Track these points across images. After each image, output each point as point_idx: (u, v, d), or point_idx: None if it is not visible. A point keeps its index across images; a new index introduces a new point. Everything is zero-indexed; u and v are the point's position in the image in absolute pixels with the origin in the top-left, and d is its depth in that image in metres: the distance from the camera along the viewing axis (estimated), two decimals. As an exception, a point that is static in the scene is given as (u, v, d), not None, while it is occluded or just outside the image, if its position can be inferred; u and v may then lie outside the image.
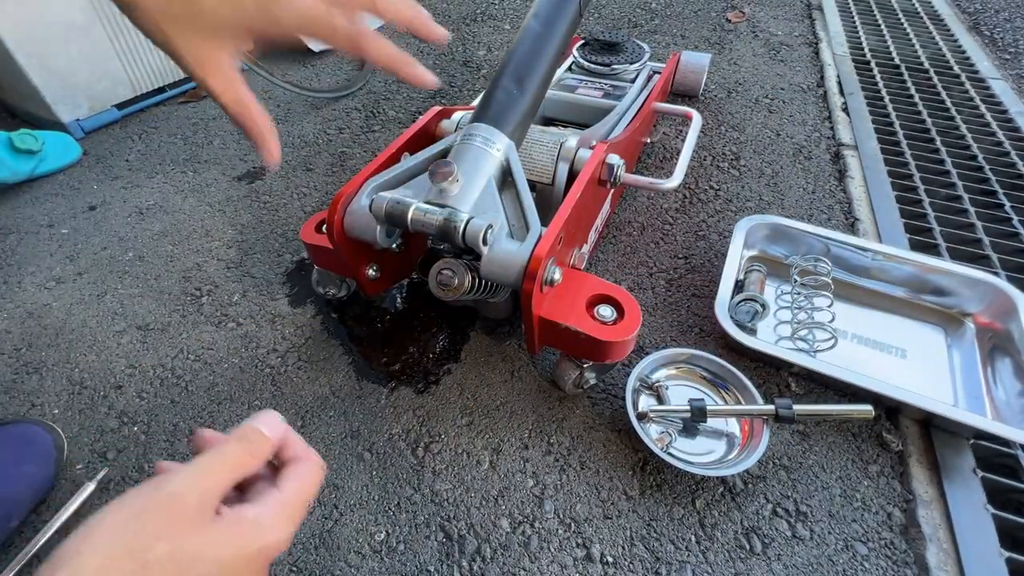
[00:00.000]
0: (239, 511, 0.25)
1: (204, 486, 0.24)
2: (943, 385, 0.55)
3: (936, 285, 0.61)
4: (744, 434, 0.50)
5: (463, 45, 1.23)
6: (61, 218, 0.77)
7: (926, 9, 1.38)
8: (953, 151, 0.87)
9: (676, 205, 0.78)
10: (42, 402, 0.55)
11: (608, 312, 0.47)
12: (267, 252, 0.71)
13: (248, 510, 0.25)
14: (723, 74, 1.09)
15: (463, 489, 0.48)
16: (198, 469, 0.24)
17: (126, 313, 0.64)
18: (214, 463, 0.25)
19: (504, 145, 0.48)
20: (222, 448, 0.26)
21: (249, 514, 0.25)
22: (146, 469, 0.49)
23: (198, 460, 0.25)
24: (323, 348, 0.60)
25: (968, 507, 0.46)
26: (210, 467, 0.25)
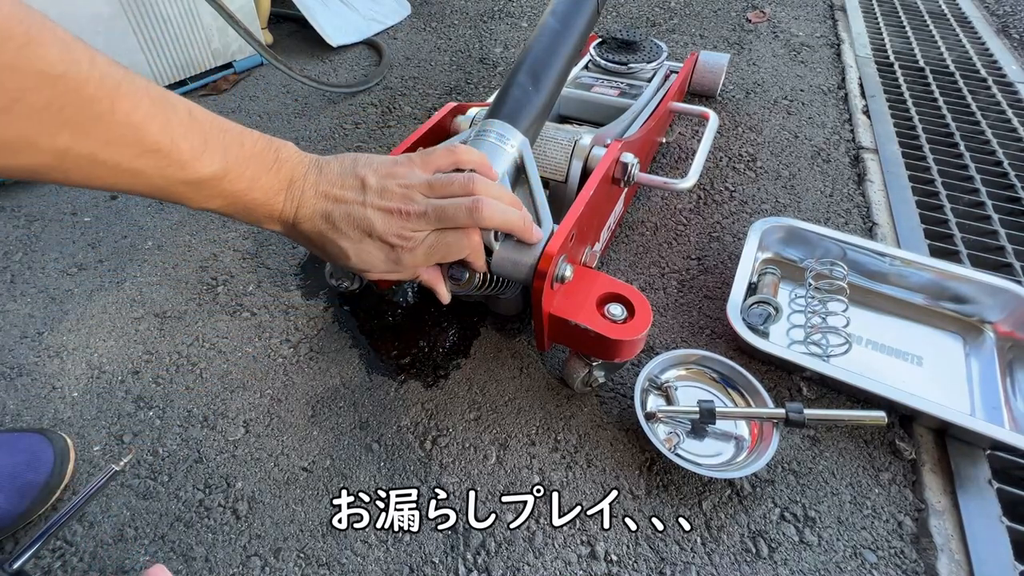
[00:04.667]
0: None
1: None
2: (960, 394, 0.54)
3: (956, 292, 0.60)
4: (753, 437, 0.50)
5: (480, 42, 1.23)
6: (84, 207, 0.79)
7: (953, 11, 1.35)
8: (977, 156, 0.85)
9: (690, 206, 0.78)
10: (62, 385, 0.56)
11: (618, 311, 0.47)
12: (282, 244, 0.72)
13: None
14: (742, 74, 1.08)
15: (470, 483, 0.48)
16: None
17: (144, 300, 0.65)
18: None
19: (518, 142, 0.48)
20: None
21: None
22: (160, 453, 0.50)
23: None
24: (335, 340, 0.60)
25: (982, 518, 0.45)
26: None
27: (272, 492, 0.48)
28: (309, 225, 0.37)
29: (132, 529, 0.46)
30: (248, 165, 0.34)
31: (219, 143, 0.33)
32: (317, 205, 0.37)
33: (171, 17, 0.96)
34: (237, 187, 0.34)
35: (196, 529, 0.46)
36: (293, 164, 0.37)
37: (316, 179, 0.37)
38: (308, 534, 0.45)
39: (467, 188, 0.38)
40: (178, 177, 0.31)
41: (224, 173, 0.33)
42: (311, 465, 0.50)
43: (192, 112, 0.32)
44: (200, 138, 0.31)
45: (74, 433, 0.52)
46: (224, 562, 0.44)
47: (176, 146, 0.30)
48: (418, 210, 0.37)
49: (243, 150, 0.34)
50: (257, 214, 0.36)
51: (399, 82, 1.09)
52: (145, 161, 0.29)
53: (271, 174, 0.35)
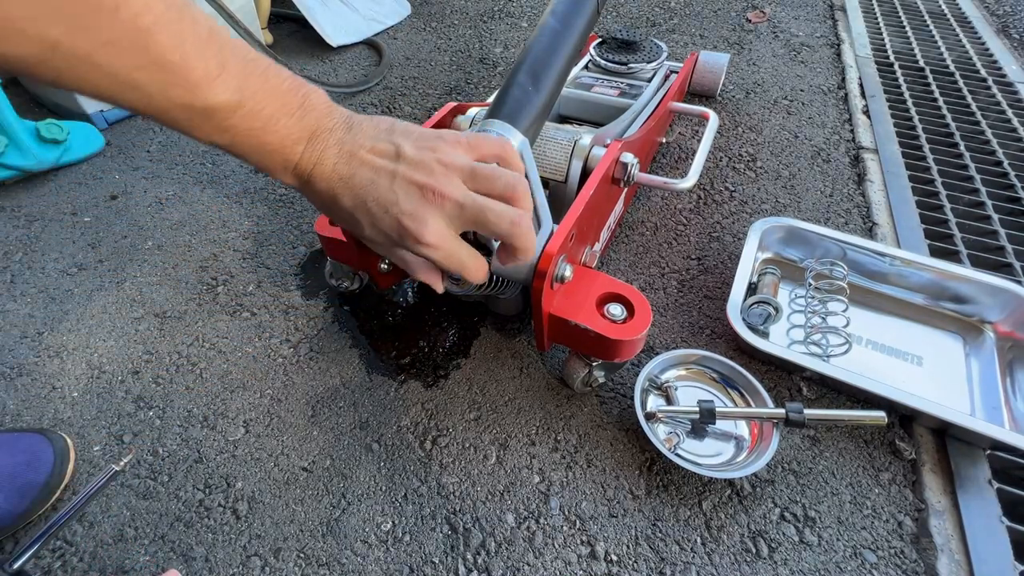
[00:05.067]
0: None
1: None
2: (960, 394, 0.54)
3: (956, 292, 0.60)
4: (753, 437, 0.50)
5: (480, 42, 1.23)
6: (84, 206, 0.79)
7: (953, 11, 1.35)
8: (977, 156, 0.85)
9: (690, 206, 0.78)
10: (62, 384, 0.56)
11: (618, 310, 0.47)
12: (282, 244, 0.72)
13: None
14: (742, 74, 1.08)
15: (470, 483, 0.48)
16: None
17: (144, 300, 0.65)
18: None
19: (518, 142, 0.48)
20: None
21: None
22: (160, 453, 0.50)
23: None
24: (334, 340, 0.60)
25: (982, 518, 0.45)
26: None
27: (272, 492, 0.48)
28: (325, 185, 0.33)
29: (132, 529, 0.46)
30: (268, 102, 0.30)
31: (238, 70, 0.29)
32: (339, 166, 0.33)
33: (171, 17, 0.95)
34: (250, 124, 0.30)
35: (196, 529, 0.45)
36: (320, 113, 0.33)
37: (343, 136, 0.33)
38: (308, 534, 0.45)
39: (513, 193, 0.34)
40: (184, 100, 0.28)
41: (237, 106, 0.29)
42: (311, 465, 0.50)
43: (213, 30, 0.28)
44: (216, 60, 0.28)
45: (74, 433, 0.52)
46: (224, 562, 0.44)
47: (187, 64, 0.27)
48: (456, 198, 0.32)
49: (266, 84, 0.30)
50: (269, 160, 0.32)
51: (399, 82, 1.09)
52: (148, 75, 0.26)
53: (293, 119, 0.31)
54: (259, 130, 0.31)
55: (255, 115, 0.30)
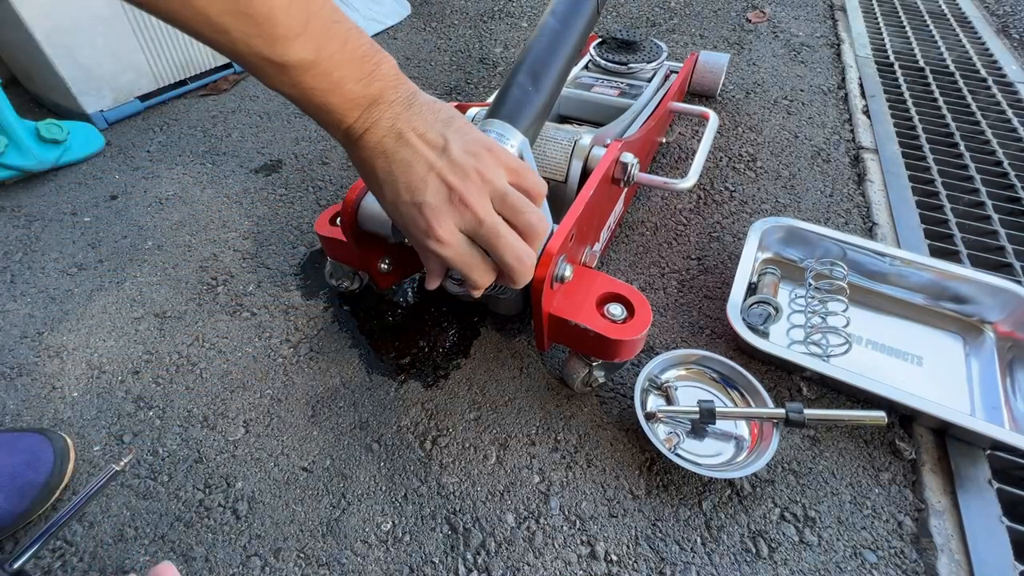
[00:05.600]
0: None
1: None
2: (960, 394, 0.54)
3: (956, 292, 0.60)
4: (753, 437, 0.50)
5: (480, 42, 1.23)
6: (84, 206, 0.79)
7: (953, 11, 1.35)
8: (977, 156, 0.85)
9: (690, 206, 0.78)
10: (62, 384, 0.56)
11: (618, 310, 0.47)
12: (282, 244, 0.72)
13: None
14: (742, 74, 1.08)
15: (469, 483, 0.48)
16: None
17: (144, 300, 0.65)
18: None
19: (518, 142, 0.48)
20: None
21: None
22: (160, 453, 0.50)
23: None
24: (334, 340, 0.60)
25: (982, 518, 0.45)
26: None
27: (272, 492, 0.48)
28: (368, 153, 0.34)
29: (132, 529, 0.46)
30: (340, 66, 0.32)
31: (320, 32, 0.30)
32: (386, 139, 0.34)
33: (171, 17, 0.95)
34: (319, 84, 0.31)
35: (196, 529, 0.45)
36: (386, 84, 0.34)
37: (401, 111, 0.34)
38: (308, 534, 0.45)
39: (533, 233, 0.36)
40: (262, 52, 0.29)
41: (312, 66, 0.30)
42: (311, 465, 0.50)
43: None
44: (301, 19, 0.29)
45: (74, 433, 0.52)
46: (224, 562, 0.44)
47: (272, 17, 0.28)
48: (478, 212, 0.34)
49: (344, 49, 0.31)
50: (327, 118, 0.34)
51: (399, 82, 1.09)
52: (234, 21, 0.28)
53: (360, 84, 0.33)
54: (326, 91, 0.32)
55: (326, 76, 0.31)
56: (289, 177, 0.84)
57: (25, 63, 0.93)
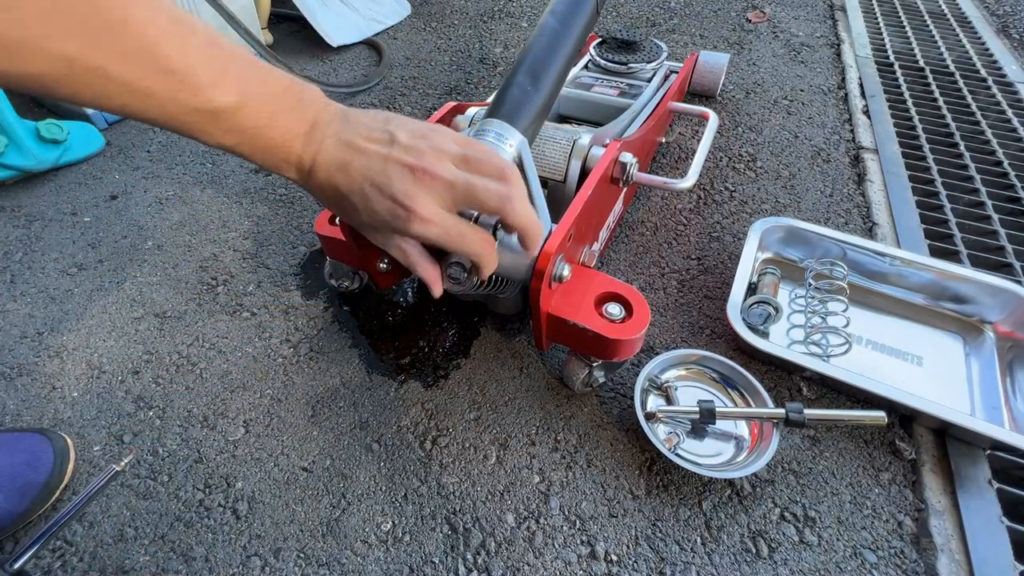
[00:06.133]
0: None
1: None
2: (960, 394, 0.54)
3: (956, 292, 0.60)
4: (753, 437, 0.50)
5: (480, 42, 1.23)
6: (84, 206, 0.79)
7: (953, 11, 1.35)
8: (977, 156, 0.85)
9: (690, 206, 0.78)
10: (62, 384, 0.56)
11: (616, 310, 0.47)
12: (282, 244, 0.72)
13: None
14: (741, 74, 1.08)
15: (469, 483, 0.48)
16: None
17: (144, 300, 0.65)
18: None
19: (517, 141, 0.48)
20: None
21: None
22: (160, 453, 0.50)
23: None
24: (334, 340, 0.60)
25: (982, 518, 0.45)
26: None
27: (272, 492, 0.48)
28: (324, 175, 0.35)
29: (132, 529, 0.46)
30: (269, 101, 0.32)
31: (239, 74, 0.31)
32: (336, 154, 0.34)
33: (171, 17, 0.95)
34: (255, 123, 0.32)
35: (196, 529, 0.46)
36: (318, 108, 0.35)
37: (340, 127, 0.35)
38: (308, 534, 0.45)
39: (503, 174, 0.35)
40: (192, 104, 0.30)
41: (241, 106, 0.31)
42: (311, 465, 0.50)
43: (213, 39, 0.31)
44: (219, 65, 0.30)
45: (74, 433, 0.52)
46: (224, 562, 0.44)
47: (192, 70, 0.29)
48: (446, 177, 0.34)
49: (265, 86, 0.32)
50: (274, 157, 0.34)
51: (399, 82, 1.09)
52: (158, 82, 0.28)
53: (293, 114, 0.34)
54: (263, 127, 0.32)
55: (258, 113, 0.32)
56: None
57: (25, 63, 0.93)
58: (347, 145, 0.34)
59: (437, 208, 0.35)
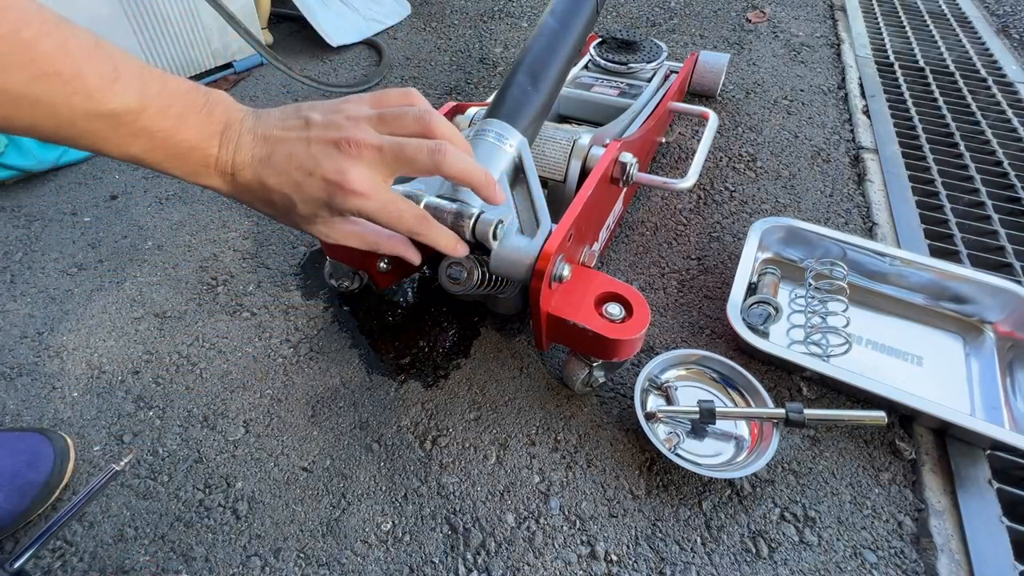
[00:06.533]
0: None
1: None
2: (960, 394, 0.54)
3: (956, 292, 0.60)
4: (753, 437, 0.50)
5: (480, 42, 1.23)
6: (84, 206, 0.79)
7: (953, 11, 1.35)
8: (977, 156, 0.85)
9: (690, 206, 0.78)
10: (62, 384, 0.56)
11: (616, 310, 0.47)
12: (282, 244, 0.72)
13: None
14: (741, 74, 1.08)
15: (469, 483, 0.48)
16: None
17: (144, 300, 0.65)
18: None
19: (517, 141, 0.48)
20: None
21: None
22: (160, 453, 0.50)
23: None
24: (334, 340, 0.60)
25: (982, 518, 0.45)
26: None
27: (272, 492, 0.48)
28: (249, 173, 0.33)
29: (132, 529, 0.46)
30: (173, 101, 0.31)
31: (134, 75, 0.29)
32: (255, 149, 0.33)
33: (171, 17, 0.96)
34: (161, 125, 0.30)
35: (196, 529, 0.46)
36: (227, 107, 0.34)
37: (254, 123, 0.34)
38: (308, 534, 0.45)
39: (423, 124, 0.35)
40: (87, 108, 0.28)
41: (142, 107, 0.29)
42: (311, 465, 0.50)
43: (99, 41, 0.29)
44: (110, 66, 0.28)
45: (74, 433, 0.52)
46: (224, 562, 0.44)
47: (79, 71, 0.27)
48: (370, 142, 0.33)
49: (166, 87, 0.31)
50: (191, 162, 0.32)
51: (399, 82, 1.09)
52: (44, 86, 0.26)
53: (201, 115, 0.32)
54: (172, 128, 0.31)
55: (163, 114, 0.30)
56: (289, 177, 0.84)
57: (25, 63, 0.93)
58: (264, 138, 0.33)
59: (372, 180, 0.34)
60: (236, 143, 0.33)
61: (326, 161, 0.32)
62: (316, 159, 0.33)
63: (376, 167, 0.34)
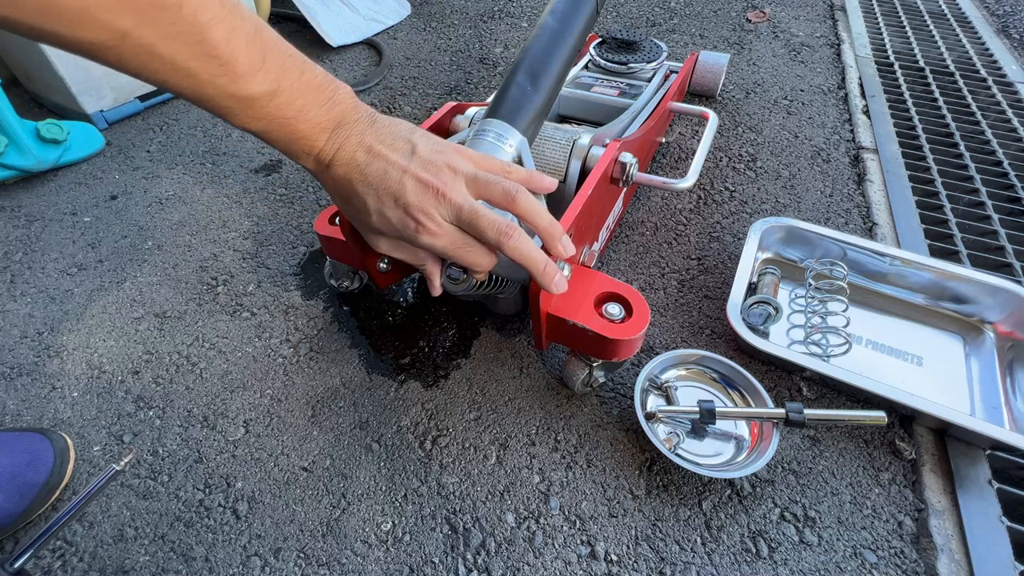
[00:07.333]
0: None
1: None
2: (960, 394, 0.54)
3: (956, 292, 0.60)
4: (753, 437, 0.50)
5: (480, 42, 1.23)
6: (84, 206, 0.79)
7: (953, 11, 1.35)
8: (977, 156, 0.85)
9: (690, 206, 0.78)
10: (62, 384, 0.56)
11: (616, 310, 0.47)
12: (282, 244, 0.72)
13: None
14: (741, 74, 1.08)
15: (469, 483, 0.48)
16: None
17: (144, 300, 0.65)
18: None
19: (516, 141, 0.48)
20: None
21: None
22: (160, 453, 0.50)
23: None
24: (334, 340, 0.60)
25: (982, 518, 0.45)
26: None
27: (272, 492, 0.48)
28: (342, 171, 0.36)
29: (132, 529, 0.46)
30: (301, 94, 0.34)
31: (277, 65, 0.32)
32: (358, 155, 0.36)
33: (171, 17, 0.95)
34: (284, 113, 0.33)
35: (196, 529, 0.46)
36: (347, 107, 0.36)
37: (365, 129, 0.36)
38: (308, 534, 0.45)
39: (509, 199, 0.37)
40: (228, 90, 0.31)
41: (274, 96, 0.32)
42: (311, 465, 0.50)
43: (259, 28, 0.32)
44: (259, 55, 0.32)
45: (74, 433, 0.52)
46: (224, 562, 0.44)
47: (234, 57, 0.30)
48: (455, 200, 0.36)
49: (301, 79, 0.34)
50: (296, 146, 0.36)
51: (399, 82, 1.09)
52: (200, 64, 0.29)
53: (322, 109, 0.35)
54: (292, 118, 0.34)
55: (288, 104, 0.33)
56: (289, 177, 0.84)
57: (25, 63, 0.93)
58: (368, 149, 0.36)
59: (445, 223, 0.36)
60: (342, 142, 0.36)
61: (413, 197, 0.35)
62: (405, 191, 0.35)
63: (449, 216, 0.36)
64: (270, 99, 0.32)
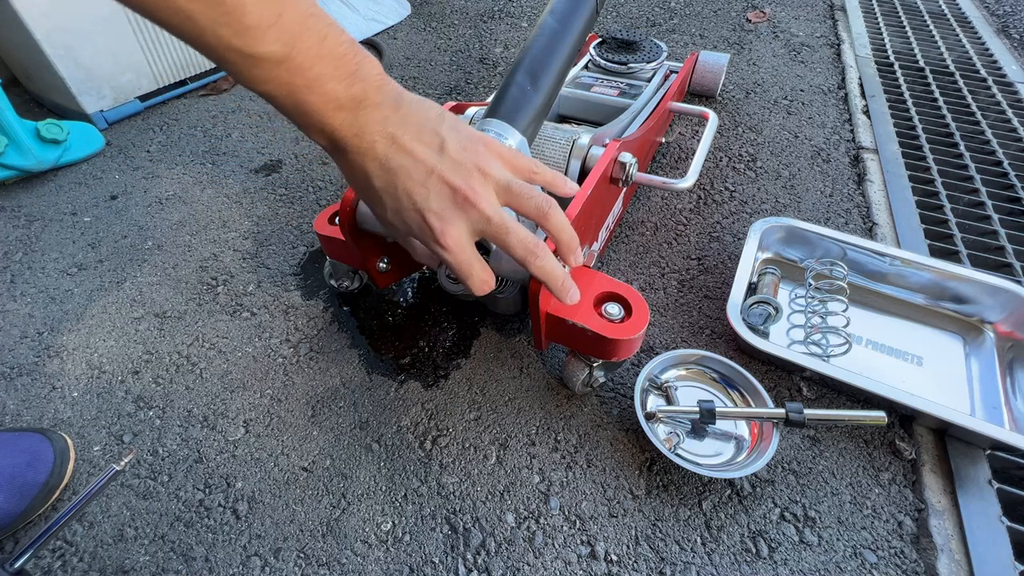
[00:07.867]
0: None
1: None
2: (960, 394, 0.54)
3: (956, 292, 0.60)
4: (753, 437, 0.50)
5: (480, 42, 1.23)
6: (84, 206, 0.79)
7: (953, 11, 1.35)
8: (977, 156, 0.85)
9: (690, 206, 0.78)
10: (62, 384, 0.56)
11: (616, 310, 0.47)
12: (282, 244, 0.72)
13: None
14: (741, 74, 1.08)
15: (469, 483, 0.48)
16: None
17: (144, 300, 0.65)
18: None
19: (516, 141, 0.48)
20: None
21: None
22: (160, 453, 0.50)
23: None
24: (334, 340, 0.60)
25: (982, 518, 0.45)
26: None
27: (272, 492, 0.48)
28: (359, 159, 0.33)
29: (132, 529, 0.46)
30: (318, 62, 0.29)
31: (294, 24, 0.28)
32: (379, 145, 0.32)
33: (171, 17, 0.95)
34: (295, 80, 0.29)
35: (196, 529, 0.46)
36: (371, 85, 0.32)
37: (390, 115, 0.32)
38: (308, 534, 0.45)
39: (541, 214, 0.35)
40: (231, 42, 0.27)
41: (283, 59, 0.28)
42: (311, 465, 0.50)
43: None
44: (274, 10, 0.27)
45: (74, 433, 0.52)
46: (224, 562, 0.44)
47: (242, 6, 0.26)
48: (485, 210, 0.33)
49: (321, 45, 0.29)
50: (308, 119, 0.31)
51: (399, 82, 1.09)
52: (202, 8, 0.26)
53: (341, 84, 0.30)
54: (302, 88, 0.30)
55: (301, 72, 0.29)
56: (289, 177, 0.84)
57: (25, 63, 0.93)
58: (391, 139, 0.32)
59: (464, 237, 0.34)
60: (362, 127, 0.32)
61: (435, 204, 0.32)
62: (428, 197, 0.32)
63: (475, 229, 0.34)
64: (279, 63, 0.28)
